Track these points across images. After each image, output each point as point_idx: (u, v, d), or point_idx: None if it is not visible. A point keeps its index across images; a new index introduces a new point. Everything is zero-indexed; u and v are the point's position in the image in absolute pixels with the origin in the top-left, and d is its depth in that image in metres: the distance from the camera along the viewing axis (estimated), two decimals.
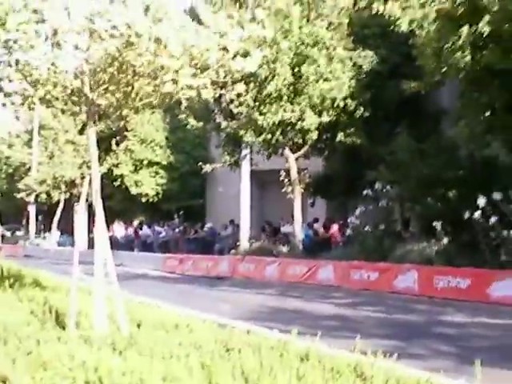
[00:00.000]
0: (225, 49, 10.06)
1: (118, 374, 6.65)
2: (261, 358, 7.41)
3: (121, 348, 8.66)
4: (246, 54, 10.34)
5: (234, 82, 10.74)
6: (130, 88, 10.65)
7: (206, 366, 7.25)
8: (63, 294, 13.29)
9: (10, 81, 10.86)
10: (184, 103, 12.25)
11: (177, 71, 10.05)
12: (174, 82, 10.22)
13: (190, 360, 7.54)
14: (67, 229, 64.90)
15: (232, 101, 34.80)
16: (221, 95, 35.68)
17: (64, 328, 10.78)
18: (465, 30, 26.66)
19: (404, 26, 29.21)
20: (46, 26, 10.29)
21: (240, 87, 10.78)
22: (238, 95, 11.53)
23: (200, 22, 10.75)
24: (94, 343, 9.17)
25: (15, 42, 10.29)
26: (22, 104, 11.53)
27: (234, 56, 10.19)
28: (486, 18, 25.98)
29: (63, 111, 11.95)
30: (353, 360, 7.31)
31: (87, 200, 12.87)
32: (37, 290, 16.06)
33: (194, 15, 13.06)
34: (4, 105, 11.67)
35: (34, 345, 8.96)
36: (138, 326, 10.87)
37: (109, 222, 52.02)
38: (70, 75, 10.79)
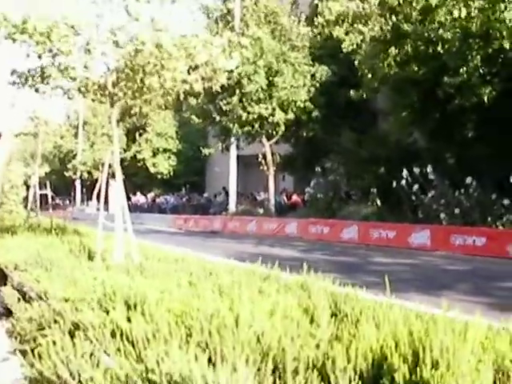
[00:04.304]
0: (210, 53, 10.05)
1: (126, 288, 6.67)
2: (233, 278, 7.44)
3: (132, 273, 8.67)
4: (226, 57, 10.30)
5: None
6: (141, 84, 10.60)
7: (192, 284, 7.30)
8: (94, 238, 13.24)
9: (54, 78, 10.81)
10: (183, 98, 12.27)
11: (174, 69, 10.04)
12: (173, 79, 10.19)
13: (181, 280, 7.57)
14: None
15: (222, 100, 35.25)
16: (215, 98, 36.12)
17: (92, 260, 10.79)
18: (392, 50, 26.77)
19: (346, 47, 29.59)
20: (81, 37, 10.28)
21: (222, 79, 10.71)
22: (222, 87, 11.17)
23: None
24: (112, 269, 9.19)
25: (58, 49, 10.24)
26: (65, 93, 11.49)
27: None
28: (407, 41, 26.14)
29: (93, 100, 11.88)
30: (300, 279, 7.32)
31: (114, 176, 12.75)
32: (75, 236, 16.04)
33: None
34: (50, 96, 11.66)
35: (69, 271, 8.97)
36: (147, 259, 10.88)
37: (134, 192, 51.84)
38: (98, 74, 10.80)
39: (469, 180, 25.75)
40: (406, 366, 3.80)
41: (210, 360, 4.38)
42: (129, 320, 5.60)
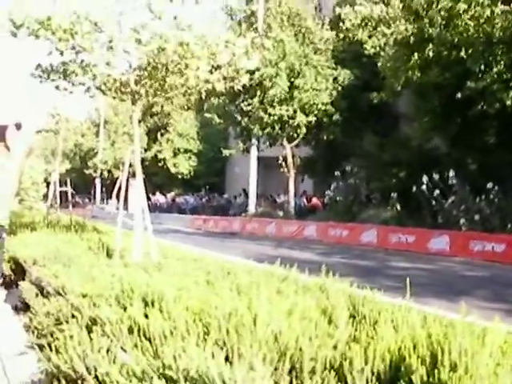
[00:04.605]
0: (233, 53, 10.04)
1: (144, 285, 6.69)
2: (251, 278, 7.44)
3: (150, 271, 8.69)
4: (248, 57, 10.26)
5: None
6: (163, 82, 10.61)
7: (210, 283, 7.31)
8: (113, 236, 13.27)
9: (76, 75, 10.82)
10: (205, 98, 12.30)
11: (197, 68, 10.03)
12: (196, 77, 10.19)
13: (199, 278, 7.59)
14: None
15: (243, 101, 35.46)
16: (236, 99, 36.17)
17: (111, 258, 10.81)
18: (415, 55, 26.72)
19: (368, 48, 29.64)
20: (103, 35, 10.28)
21: (244, 79, 10.70)
22: (244, 88, 11.19)
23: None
24: (130, 267, 9.22)
25: (80, 46, 10.26)
26: (86, 91, 11.50)
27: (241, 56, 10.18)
28: (430, 45, 26.07)
29: (114, 98, 11.89)
30: (319, 281, 7.31)
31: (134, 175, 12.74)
32: (94, 233, 16.08)
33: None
34: (71, 92, 11.66)
35: (87, 267, 9.01)
36: (165, 258, 10.90)
37: (153, 192, 51.94)
38: (120, 71, 10.79)
39: (490, 186, 25.65)
40: (424, 367, 3.77)
41: (227, 358, 4.36)
42: (146, 316, 5.60)
